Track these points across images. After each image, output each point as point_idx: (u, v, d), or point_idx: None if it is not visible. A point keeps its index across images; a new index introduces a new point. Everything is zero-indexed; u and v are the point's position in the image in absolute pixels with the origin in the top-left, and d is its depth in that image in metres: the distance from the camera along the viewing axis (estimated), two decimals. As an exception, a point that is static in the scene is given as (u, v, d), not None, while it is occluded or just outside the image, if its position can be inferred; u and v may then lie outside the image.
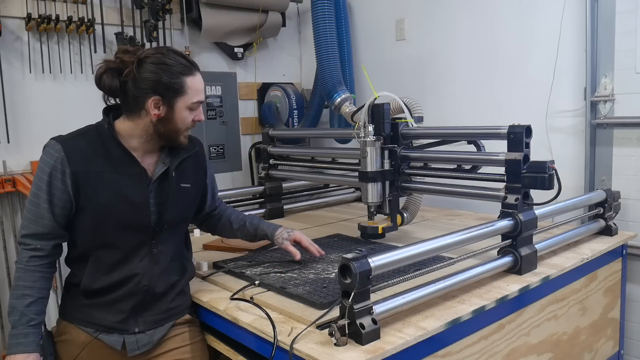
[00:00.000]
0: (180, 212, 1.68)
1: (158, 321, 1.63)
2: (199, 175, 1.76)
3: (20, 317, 1.48)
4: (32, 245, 1.52)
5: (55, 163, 1.50)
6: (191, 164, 1.71)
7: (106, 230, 1.55)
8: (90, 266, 1.56)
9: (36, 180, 1.52)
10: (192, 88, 1.54)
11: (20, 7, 2.57)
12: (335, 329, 1.26)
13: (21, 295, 1.49)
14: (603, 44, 2.35)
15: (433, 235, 1.57)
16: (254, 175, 3.51)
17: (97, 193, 1.52)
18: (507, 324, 1.63)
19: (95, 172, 1.52)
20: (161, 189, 1.61)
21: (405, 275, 1.46)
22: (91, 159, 1.53)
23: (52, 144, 1.53)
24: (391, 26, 3.27)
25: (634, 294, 2.36)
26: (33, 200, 1.52)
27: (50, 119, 2.70)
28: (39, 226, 1.52)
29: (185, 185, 1.68)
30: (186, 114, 1.56)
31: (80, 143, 1.54)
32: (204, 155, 1.80)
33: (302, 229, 2.42)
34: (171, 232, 1.66)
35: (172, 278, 1.66)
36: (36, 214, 1.51)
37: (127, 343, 1.58)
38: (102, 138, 1.56)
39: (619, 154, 2.35)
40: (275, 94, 3.52)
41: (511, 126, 1.76)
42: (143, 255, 1.59)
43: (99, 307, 1.58)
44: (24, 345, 1.47)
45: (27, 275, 1.51)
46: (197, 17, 3.14)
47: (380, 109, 2.09)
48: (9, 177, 2.47)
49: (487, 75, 2.80)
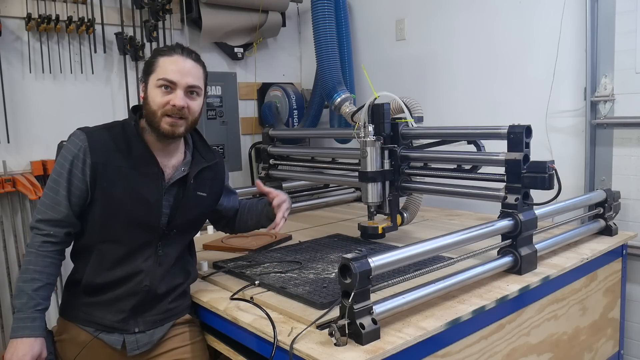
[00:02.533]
0: (192, 219, 1.70)
1: (158, 321, 1.63)
2: (215, 186, 1.76)
3: (28, 300, 1.48)
4: (45, 231, 1.52)
5: (78, 152, 1.52)
6: (210, 174, 1.72)
7: (115, 224, 1.55)
8: (94, 260, 1.56)
9: (57, 167, 1.53)
10: (161, 66, 1.55)
11: (20, 7, 2.57)
12: (335, 329, 1.26)
13: (30, 279, 1.49)
14: (603, 44, 2.35)
15: (433, 235, 1.57)
16: (254, 175, 3.51)
17: (112, 187, 1.53)
18: (507, 324, 1.63)
19: (115, 165, 1.53)
20: (177, 193, 1.62)
21: (405, 275, 1.46)
22: (112, 153, 1.54)
23: (78, 134, 1.55)
24: (391, 26, 3.27)
25: (634, 294, 2.36)
26: (52, 186, 1.53)
27: (50, 119, 2.70)
28: (55, 212, 1.52)
29: (201, 194, 1.69)
30: (156, 92, 1.54)
31: (104, 136, 1.56)
32: (223, 167, 1.82)
33: (302, 229, 2.43)
34: (179, 237, 1.66)
35: (175, 281, 1.66)
36: (54, 200, 1.52)
37: (127, 342, 1.58)
38: (127, 134, 1.58)
39: (619, 154, 2.35)
40: (275, 94, 3.52)
41: (511, 126, 1.76)
42: (148, 256, 1.59)
43: (100, 306, 1.58)
44: (30, 330, 1.47)
45: (39, 259, 1.51)
46: (197, 17, 3.14)
47: (380, 109, 2.09)
48: (9, 177, 2.47)
49: (487, 75, 2.80)
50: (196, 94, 1.59)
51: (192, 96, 1.58)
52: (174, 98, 1.54)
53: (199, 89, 1.60)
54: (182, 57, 1.56)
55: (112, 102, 2.92)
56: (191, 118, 1.60)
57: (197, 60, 1.61)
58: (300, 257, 1.97)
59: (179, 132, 1.58)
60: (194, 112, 1.60)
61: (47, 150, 2.62)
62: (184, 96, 1.55)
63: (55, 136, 2.15)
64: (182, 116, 1.56)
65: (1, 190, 2.46)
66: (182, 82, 1.54)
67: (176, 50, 1.57)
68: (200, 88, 1.60)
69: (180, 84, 1.54)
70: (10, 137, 2.58)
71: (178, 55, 1.56)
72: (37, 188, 2.43)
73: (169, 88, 1.54)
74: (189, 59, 1.58)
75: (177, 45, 1.59)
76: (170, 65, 1.54)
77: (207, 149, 1.75)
